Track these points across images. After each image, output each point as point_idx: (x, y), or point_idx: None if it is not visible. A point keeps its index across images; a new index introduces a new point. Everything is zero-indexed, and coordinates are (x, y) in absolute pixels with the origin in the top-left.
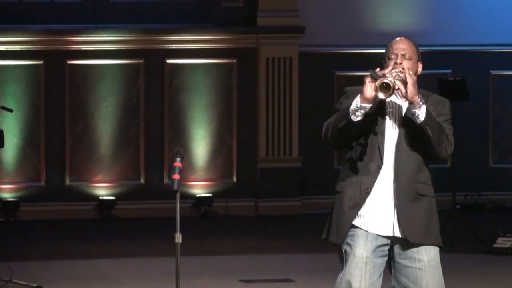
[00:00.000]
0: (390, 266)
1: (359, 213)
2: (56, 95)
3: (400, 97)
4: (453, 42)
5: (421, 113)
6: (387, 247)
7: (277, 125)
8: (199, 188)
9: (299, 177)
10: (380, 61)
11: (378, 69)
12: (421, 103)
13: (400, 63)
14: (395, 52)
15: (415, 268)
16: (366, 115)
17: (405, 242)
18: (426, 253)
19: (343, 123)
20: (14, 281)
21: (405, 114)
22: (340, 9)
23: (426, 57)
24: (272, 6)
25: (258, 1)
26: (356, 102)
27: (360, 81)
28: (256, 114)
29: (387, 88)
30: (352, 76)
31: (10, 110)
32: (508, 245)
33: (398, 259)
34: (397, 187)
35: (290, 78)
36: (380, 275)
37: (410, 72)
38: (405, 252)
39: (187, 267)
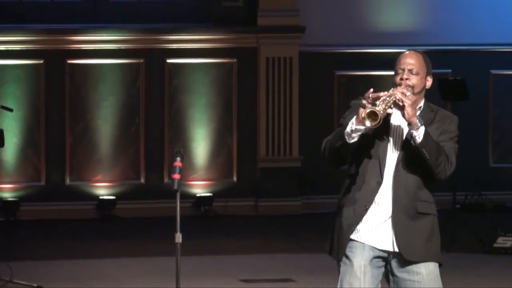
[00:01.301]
0: (389, 280)
1: (357, 228)
2: (56, 95)
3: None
4: (453, 41)
5: (418, 134)
6: (382, 259)
7: (277, 125)
8: (199, 188)
9: (299, 177)
10: (380, 61)
11: (372, 90)
12: (419, 124)
13: (407, 78)
14: (402, 67)
15: (414, 281)
16: (364, 135)
17: (403, 256)
18: (425, 266)
19: (339, 144)
20: (15, 281)
21: (406, 134)
22: (340, 8)
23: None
24: (272, 5)
25: (258, 1)
26: (351, 124)
27: (360, 81)
28: (256, 114)
29: (374, 116)
30: (353, 75)
31: (10, 110)
32: (508, 244)
33: (396, 272)
34: (396, 205)
35: (290, 78)
36: (378, 285)
37: (408, 94)
38: (404, 265)
39: (187, 266)
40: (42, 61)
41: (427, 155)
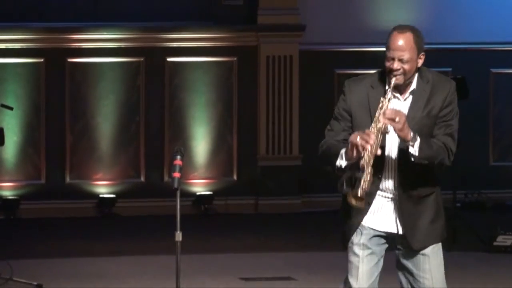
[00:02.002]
0: (395, 252)
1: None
2: (57, 93)
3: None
4: (453, 40)
5: (414, 150)
6: (384, 238)
7: (277, 123)
8: (199, 186)
9: (300, 175)
10: (381, 60)
11: (358, 142)
12: (414, 140)
13: (397, 69)
14: (392, 55)
15: (419, 254)
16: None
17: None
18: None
19: (332, 165)
20: (15, 279)
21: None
22: (340, 7)
23: (427, 55)
24: (272, 4)
25: None
26: (341, 158)
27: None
28: (257, 112)
29: (361, 200)
30: (353, 74)
31: (11, 108)
32: (508, 243)
33: (401, 246)
34: (399, 191)
35: (290, 76)
36: (378, 261)
37: (397, 119)
38: (408, 244)
39: (187, 265)
40: (42, 60)
41: (426, 162)
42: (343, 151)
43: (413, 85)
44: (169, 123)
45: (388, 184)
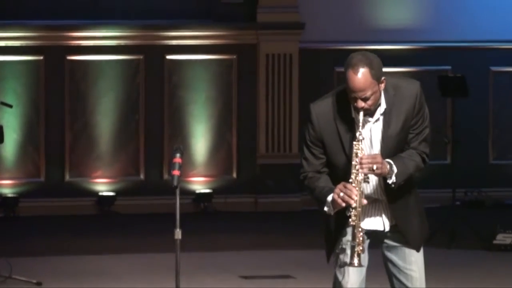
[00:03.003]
0: (380, 247)
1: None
2: (56, 91)
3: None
4: (453, 38)
5: (392, 180)
6: (368, 235)
7: (277, 122)
8: (199, 184)
9: (299, 173)
10: (380, 58)
11: (341, 198)
12: (391, 171)
13: (362, 107)
14: (354, 96)
15: (404, 247)
16: (334, 146)
17: (392, 228)
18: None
19: (320, 208)
20: (14, 277)
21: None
22: (340, 5)
23: (426, 54)
24: (272, 2)
25: None
26: (328, 207)
27: None
28: (256, 110)
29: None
30: None
31: (10, 106)
32: (508, 241)
33: (387, 240)
34: (387, 196)
35: (290, 75)
36: (365, 257)
37: (375, 167)
38: (392, 234)
39: (186, 263)
40: (42, 57)
41: (406, 181)
42: (329, 198)
43: (382, 106)
44: (168, 121)
45: (373, 187)
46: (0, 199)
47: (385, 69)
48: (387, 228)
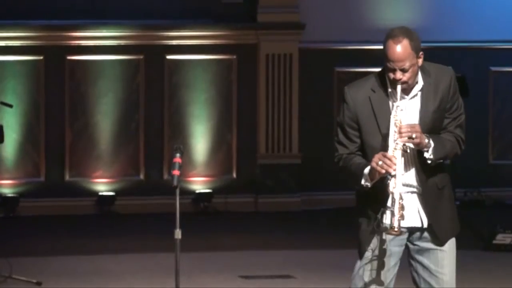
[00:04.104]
0: (408, 248)
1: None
2: (56, 91)
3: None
4: (453, 38)
5: (429, 154)
6: (406, 235)
7: (277, 121)
8: (199, 184)
9: (299, 173)
10: (380, 58)
11: (381, 170)
12: (428, 144)
13: (400, 78)
14: (393, 66)
15: (437, 249)
16: (372, 133)
17: (426, 228)
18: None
19: (357, 184)
20: (14, 276)
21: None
22: (340, 5)
23: (426, 54)
24: (272, 2)
25: None
26: (365, 180)
27: (360, 78)
28: (256, 110)
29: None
30: (353, 72)
31: (10, 106)
32: (507, 241)
33: (418, 242)
34: (422, 187)
35: (290, 75)
36: (396, 263)
37: (413, 136)
38: (426, 236)
39: (186, 263)
40: (42, 57)
41: (442, 160)
42: (366, 171)
43: (420, 83)
44: (168, 121)
45: (409, 178)
46: (0, 199)
47: None
48: (425, 225)
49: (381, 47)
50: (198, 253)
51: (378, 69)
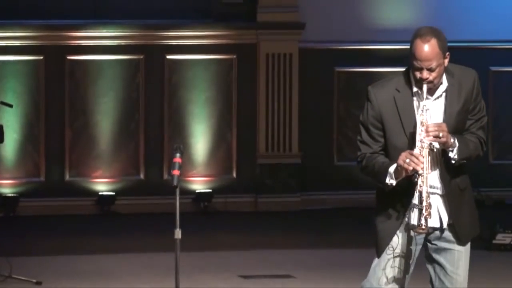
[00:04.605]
0: (426, 248)
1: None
2: (56, 91)
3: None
4: (452, 38)
5: (454, 154)
6: (423, 236)
7: (277, 121)
8: (199, 184)
9: (299, 173)
10: (380, 58)
11: (410, 168)
12: (453, 144)
13: (427, 78)
14: (420, 65)
15: (455, 250)
16: (396, 133)
17: (446, 227)
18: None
19: (381, 182)
20: (14, 276)
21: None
22: (340, 5)
23: None
24: (272, 2)
25: None
26: (390, 177)
27: (360, 78)
28: (256, 110)
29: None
30: (352, 72)
31: (10, 106)
32: (507, 241)
33: (437, 241)
34: (445, 187)
35: (290, 74)
36: (412, 262)
37: (441, 135)
38: (445, 235)
39: (186, 262)
40: (42, 57)
41: (465, 161)
42: (391, 169)
43: (444, 84)
44: (168, 121)
45: (432, 179)
46: (0, 198)
47: (385, 69)
48: (445, 225)
49: (382, 46)
50: (198, 252)
51: (379, 69)
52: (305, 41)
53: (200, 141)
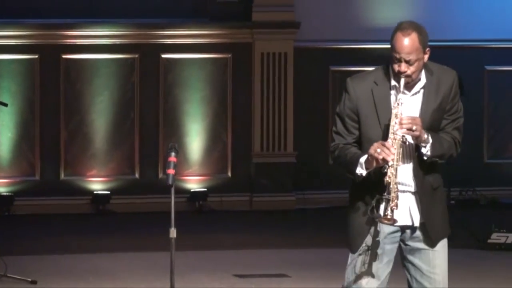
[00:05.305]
0: (401, 248)
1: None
2: (51, 90)
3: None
4: (447, 37)
5: (427, 150)
6: (398, 234)
7: (272, 120)
8: (194, 183)
9: (294, 172)
10: (375, 57)
11: (380, 157)
12: (427, 140)
13: (405, 71)
14: (399, 56)
15: (429, 250)
16: (370, 125)
17: (417, 227)
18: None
19: (351, 173)
20: (9, 275)
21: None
22: (335, 4)
23: None
24: (267, 1)
25: None
26: (361, 168)
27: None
28: (251, 109)
29: (392, 214)
30: (348, 71)
31: (5, 105)
32: (502, 240)
33: (410, 242)
34: (417, 185)
35: (285, 73)
36: (389, 261)
37: (414, 128)
38: (418, 235)
39: (181, 262)
40: (37, 56)
41: (437, 159)
42: (362, 159)
43: (422, 80)
44: (163, 120)
45: (404, 176)
46: None
47: None
48: (416, 223)
49: (377, 46)
50: (193, 251)
51: (373, 68)
52: (300, 40)
53: (195, 140)
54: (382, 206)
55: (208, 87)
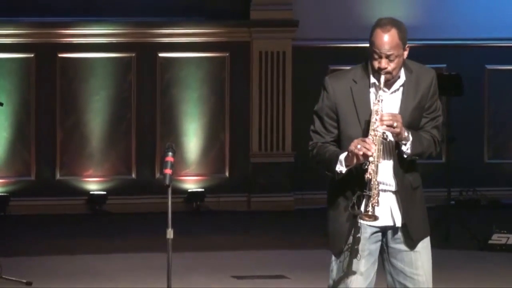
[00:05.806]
0: (383, 251)
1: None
2: (47, 89)
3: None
4: (448, 36)
5: (407, 148)
6: (380, 233)
7: (270, 120)
8: (191, 183)
9: (292, 172)
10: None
11: (360, 152)
12: (407, 137)
13: (385, 68)
14: (378, 51)
15: (411, 251)
16: (350, 124)
17: (399, 228)
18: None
19: (331, 171)
20: (4, 276)
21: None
22: (333, 2)
23: (421, 52)
24: None
25: None
26: (341, 165)
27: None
28: (249, 109)
29: (372, 217)
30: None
31: (1, 104)
32: (503, 241)
33: (392, 244)
34: (397, 184)
35: (283, 72)
36: (375, 261)
37: (394, 124)
38: (399, 237)
39: (178, 262)
40: (33, 55)
41: (417, 157)
42: (342, 157)
43: (402, 78)
44: (160, 119)
45: (384, 175)
46: None
47: None
48: (398, 224)
49: None
50: (190, 252)
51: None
52: (299, 39)
53: (192, 140)
54: (363, 203)
55: (205, 86)
